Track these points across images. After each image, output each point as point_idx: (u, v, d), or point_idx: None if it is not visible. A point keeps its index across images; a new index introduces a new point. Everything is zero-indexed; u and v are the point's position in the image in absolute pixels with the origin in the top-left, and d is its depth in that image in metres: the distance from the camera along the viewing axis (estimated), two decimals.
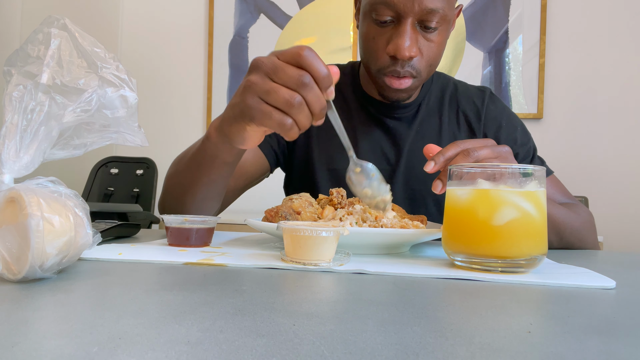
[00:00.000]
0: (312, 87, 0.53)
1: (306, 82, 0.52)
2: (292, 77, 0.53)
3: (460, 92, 0.99)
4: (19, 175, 0.42)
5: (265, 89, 0.53)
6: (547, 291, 0.42)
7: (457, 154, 0.62)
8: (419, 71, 0.83)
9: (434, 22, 0.79)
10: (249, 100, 0.55)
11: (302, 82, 0.52)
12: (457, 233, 0.52)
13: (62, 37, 0.45)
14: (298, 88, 0.53)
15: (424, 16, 0.78)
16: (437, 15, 0.78)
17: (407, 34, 0.78)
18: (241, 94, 0.56)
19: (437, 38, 0.82)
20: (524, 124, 0.99)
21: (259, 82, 0.54)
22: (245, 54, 2.51)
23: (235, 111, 0.58)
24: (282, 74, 0.53)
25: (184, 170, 0.76)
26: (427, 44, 0.82)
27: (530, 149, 0.96)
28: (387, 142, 0.95)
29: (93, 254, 0.53)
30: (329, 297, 0.37)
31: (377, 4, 0.79)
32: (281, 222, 0.54)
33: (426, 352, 0.24)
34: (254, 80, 0.54)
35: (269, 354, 0.23)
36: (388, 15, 0.79)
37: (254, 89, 0.54)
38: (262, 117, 0.54)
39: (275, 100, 0.53)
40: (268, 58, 0.55)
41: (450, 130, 0.96)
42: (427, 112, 0.97)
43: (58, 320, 0.29)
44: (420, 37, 0.81)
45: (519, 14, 2.25)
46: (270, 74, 0.54)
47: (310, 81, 0.53)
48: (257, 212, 0.92)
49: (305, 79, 0.52)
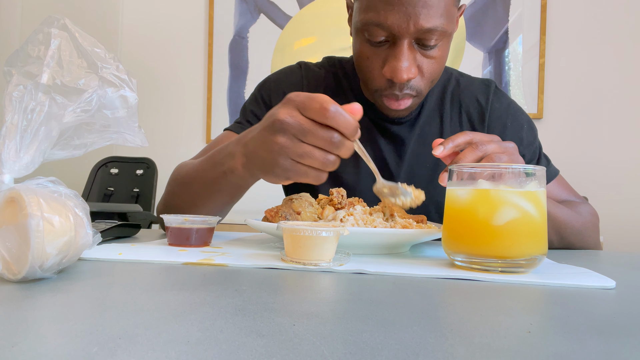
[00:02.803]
0: (343, 143, 0.55)
1: (337, 142, 0.55)
2: (323, 139, 0.54)
3: (462, 88, 0.94)
4: (19, 175, 0.42)
5: (299, 153, 0.55)
6: (547, 291, 0.42)
7: (466, 143, 0.62)
8: (419, 90, 0.79)
9: (433, 39, 0.73)
10: (283, 163, 0.56)
11: (333, 142, 0.54)
12: (457, 233, 0.52)
13: (62, 37, 0.45)
14: (330, 148, 0.55)
15: (421, 35, 0.72)
16: (435, 33, 0.72)
17: (403, 55, 0.73)
18: (272, 153, 0.57)
19: (438, 53, 0.76)
20: (530, 119, 0.94)
21: (290, 146, 0.55)
22: (245, 54, 2.51)
23: (266, 167, 0.59)
24: (313, 137, 0.54)
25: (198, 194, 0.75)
26: (427, 61, 0.76)
27: (537, 149, 0.92)
28: (388, 147, 0.91)
29: (93, 254, 0.53)
30: (329, 297, 0.37)
31: (370, 25, 0.73)
32: (281, 222, 0.54)
33: (426, 352, 0.24)
34: (285, 144, 0.55)
35: (269, 354, 0.23)
36: (382, 35, 0.73)
37: (286, 152, 0.56)
38: (298, 177, 0.57)
39: (310, 163, 0.56)
40: (294, 117, 0.55)
41: (452, 131, 0.92)
42: (428, 113, 0.92)
43: (58, 320, 0.29)
44: (418, 55, 0.75)
45: (519, 14, 2.25)
46: (299, 136, 0.55)
47: (341, 139, 0.55)
48: (257, 212, 0.92)
49: (335, 139, 0.54)
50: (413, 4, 0.70)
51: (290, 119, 0.55)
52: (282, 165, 0.56)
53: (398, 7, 0.70)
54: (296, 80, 0.96)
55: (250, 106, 0.96)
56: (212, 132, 2.52)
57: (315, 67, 0.98)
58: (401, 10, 0.70)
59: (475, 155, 0.60)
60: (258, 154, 0.60)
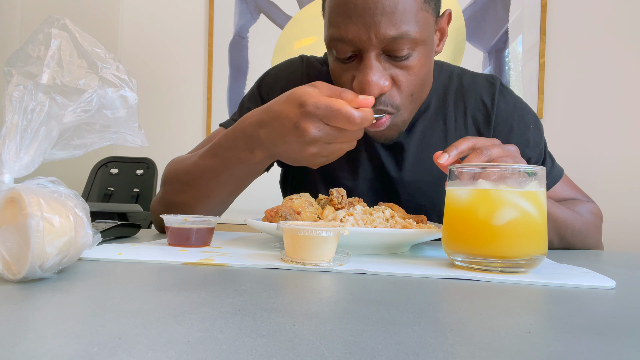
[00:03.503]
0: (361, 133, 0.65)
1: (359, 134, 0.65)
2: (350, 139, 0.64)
3: (466, 87, 0.88)
4: (19, 175, 0.42)
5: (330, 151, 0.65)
6: (547, 291, 0.42)
7: (469, 148, 0.62)
8: (396, 106, 0.73)
9: (404, 49, 0.68)
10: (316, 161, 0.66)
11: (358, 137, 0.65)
12: (457, 233, 0.52)
13: (62, 38, 0.45)
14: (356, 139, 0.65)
15: (388, 46, 0.67)
16: (403, 42, 0.67)
17: (370, 68, 0.68)
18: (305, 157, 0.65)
19: (413, 63, 0.70)
20: (536, 118, 0.89)
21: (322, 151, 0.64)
22: (245, 54, 2.51)
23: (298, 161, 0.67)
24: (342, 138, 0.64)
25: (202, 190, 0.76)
26: (402, 72, 0.70)
27: (542, 150, 0.88)
28: (386, 154, 0.87)
29: (93, 254, 0.53)
30: (329, 297, 0.37)
31: (333, 41, 0.70)
32: (281, 222, 0.54)
33: (426, 352, 0.24)
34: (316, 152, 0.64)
35: (269, 354, 0.23)
36: (348, 51, 0.70)
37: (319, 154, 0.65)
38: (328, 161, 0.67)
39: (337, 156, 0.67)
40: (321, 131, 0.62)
41: (457, 136, 0.86)
42: (429, 117, 0.87)
43: (58, 320, 0.29)
44: (390, 65, 0.70)
45: (519, 14, 2.25)
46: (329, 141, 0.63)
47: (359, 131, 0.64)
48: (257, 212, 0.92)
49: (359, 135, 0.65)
50: (371, 14, 0.66)
51: (318, 133, 0.62)
52: (316, 162, 0.66)
53: (356, 19, 0.67)
54: (296, 77, 0.92)
55: (249, 103, 0.94)
56: (212, 132, 2.52)
57: (317, 63, 0.95)
58: (359, 21, 0.66)
59: (481, 160, 0.60)
60: (287, 155, 0.66)
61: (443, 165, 0.61)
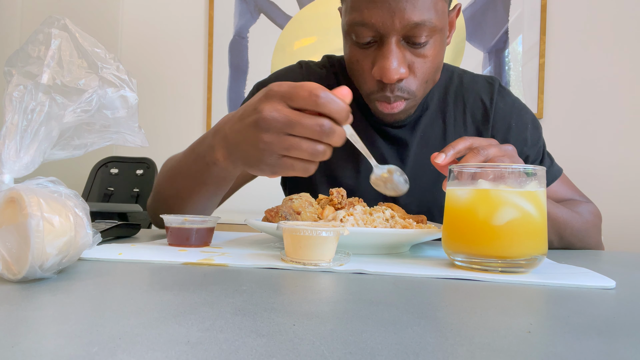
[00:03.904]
0: (334, 130, 0.51)
1: (327, 130, 0.51)
2: (312, 129, 0.51)
3: (466, 87, 0.91)
4: (19, 175, 0.42)
5: (285, 147, 0.52)
6: (547, 291, 0.42)
7: (466, 148, 0.62)
8: (412, 92, 0.75)
9: (423, 36, 0.70)
10: (269, 159, 0.54)
11: (323, 131, 0.51)
12: (457, 233, 0.52)
13: (62, 38, 0.45)
14: (321, 137, 0.51)
15: (409, 32, 0.69)
16: (424, 29, 0.69)
17: (392, 54, 0.70)
18: (257, 150, 0.54)
19: (430, 51, 0.73)
20: (534, 118, 0.91)
21: (276, 142, 0.52)
22: (245, 54, 2.51)
23: (251, 162, 0.56)
24: (301, 128, 0.51)
25: (183, 186, 0.73)
26: (419, 60, 0.73)
27: (541, 148, 0.90)
28: (389, 151, 0.88)
29: (93, 254, 0.53)
30: (329, 297, 0.37)
31: (355, 25, 0.71)
32: (281, 222, 0.54)
33: (426, 352, 0.24)
34: (271, 140, 0.52)
35: (269, 354, 0.23)
36: (368, 36, 0.71)
37: (271, 149, 0.52)
38: (285, 170, 0.54)
39: (298, 155, 0.52)
40: (279, 112, 0.51)
41: (456, 134, 0.89)
42: (430, 114, 0.89)
43: (58, 320, 0.29)
44: (408, 53, 0.72)
45: (519, 14, 2.25)
46: (286, 130, 0.51)
47: (331, 126, 0.51)
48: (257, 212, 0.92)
49: (325, 128, 0.51)
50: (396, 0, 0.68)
51: (275, 113, 0.52)
52: (268, 161, 0.54)
53: (381, 4, 0.68)
54: (296, 77, 0.93)
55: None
56: None
57: (316, 67, 0.96)
58: (384, 6, 0.68)
59: (478, 160, 0.60)
60: (241, 148, 0.56)
61: (440, 166, 0.61)
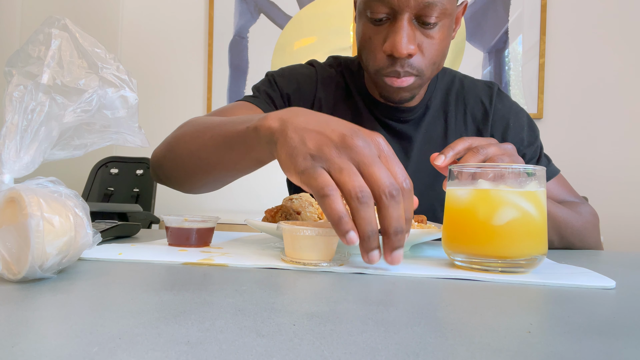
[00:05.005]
0: (397, 202, 0.44)
1: (394, 193, 0.44)
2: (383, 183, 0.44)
3: (466, 89, 0.95)
4: (19, 175, 0.42)
5: (339, 167, 0.45)
6: (547, 291, 0.42)
7: (465, 149, 0.62)
8: (420, 70, 0.79)
9: (433, 16, 0.74)
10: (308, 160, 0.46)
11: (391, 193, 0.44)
12: (457, 233, 0.52)
13: (62, 38, 0.45)
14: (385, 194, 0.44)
15: (421, 10, 0.74)
16: (435, 9, 0.74)
17: (403, 30, 0.74)
18: (313, 141, 0.47)
19: (438, 34, 0.77)
20: (531, 120, 0.95)
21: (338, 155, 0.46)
22: (245, 54, 2.51)
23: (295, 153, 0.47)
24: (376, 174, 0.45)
25: (210, 147, 0.64)
26: (428, 41, 0.77)
27: (537, 149, 0.94)
28: (394, 146, 0.90)
29: (93, 254, 0.53)
30: (329, 297, 0.37)
31: (371, 1, 0.75)
32: (281, 222, 0.54)
33: (426, 352, 0.24)
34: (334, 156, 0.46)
35: (269, 354, 0.23)
36: (383, 12, 0.75)
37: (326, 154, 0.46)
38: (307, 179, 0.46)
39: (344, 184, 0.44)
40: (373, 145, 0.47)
41: (457, 133, 0.93)
42: (433, 113, 0.93)
43: (58, 320, 0.29)
44: (419, 33, 0.76)
45: (519, 14, 2.25)
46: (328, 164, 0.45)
47: (399, 197, 0.44)
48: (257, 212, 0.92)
49: (394, 190, 0.44)
50: None
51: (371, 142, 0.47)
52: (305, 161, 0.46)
53: None
54: (311, 74, 0.96)
55: (264, 86, 0.93)
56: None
57: (326, 66, 0.99)
58: None
59: (477, 158, 0.60)
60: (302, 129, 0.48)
61: (440, 167, 0.61)
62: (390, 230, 0.45)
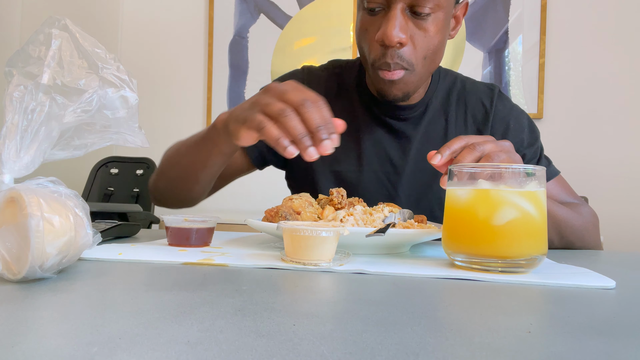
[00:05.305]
0: (311, 107, 0.57)
1: (306, 104, 0.57)
2: (294, 99, 0.58)
3: (468, 90, 0.96)
4: (19, 176, 0.42)
5: (266, 102, 0.60)
6: (547, 291, 0.42)
7: (462, 148, 0.62)
8: (411, 63, 0.79)
9: (427, 7, 0.76)
10: (251, 113, 0.61)
11: (302, 103, 0.58)
12: (457, 233, 0.52)
13: (62, 38, 0.45)
14: (298, 106, 0.58)
15: (414, 0, 0.75)
16: (429, 0, 0.75)
17: (395, 18, 0.76)
18: (249, 104, 0.62)
19: (431, 27, 0.78)
20: (532, 122, 0.96)
21: (263, 99, 0.61)
22: (245, 54, 2.51)
23: (237, 116, 0.64)
24: (291, 95, 0.59)
25: (184, 153, 0.83)
26: (420, 32, 0.78)
27: (538, 150, 0.94)
28: (392, 144, 0.92)
29: (93, 254, 0.53)
30: (329, 297, 0.37)
31: None
32: (281, 222, 0.54)
33: (426, 352, 0.24)
34: (262, 100, 0.61)
35: (269, 354, 0.23)
36: (377, 1, 0.77)
37: (259, 103, 0.61)
38: (254, 124, 0.60)
39: (270, 111, 0.59)
40: (279, 85, 0.61)
41: (457, 133, 0.92)
42: (433, 112, 0.94)
43: (58, 320, 0.29)
44: (411, 24, 0.77)
45: (519, 14, 2.25)
46: (277, 96, 0.60)
47: (311, 104, 0.58)
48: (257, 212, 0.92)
49: (306, 102, 0.58)
50: None
51: (276, 88, 0.61)
52: (249, 114, 0.60)
53: None
54: (296, 78, 0.97)
55: None
56: None
57: (318, 70, 1.00)
58: None
59: (474, 155, 0.59)
60: (239, 108, 0.65)
61: (437, 166, 0.61)
62: (313, 126, 0.57)
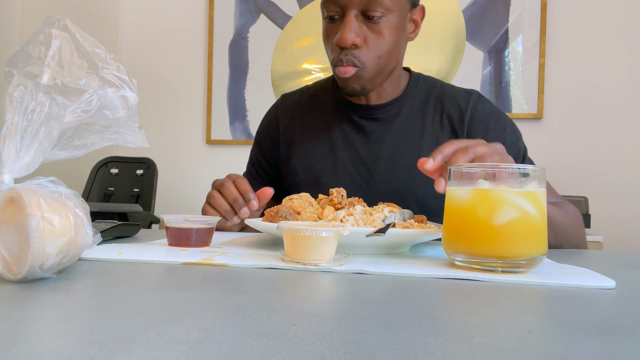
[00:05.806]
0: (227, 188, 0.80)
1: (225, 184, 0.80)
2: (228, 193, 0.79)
3: (446, 93, 1.00)
4: (19, 176, 0.42)
5: (210, 196, 0.81)
6: (547, 291, 0.42)
7: (454, 152, 0.62)
8: (362, 62, 0.87)
9: (378, 11, 0.84)
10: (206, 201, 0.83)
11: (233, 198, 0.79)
12: (457, 233, 0.52)
13: (62, 38, 0.45)
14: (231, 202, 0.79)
15: (365, 6, 0.84)
16: (378, 4, 0.83)
17: (349, 23, 0.84)
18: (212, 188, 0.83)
19: (384, 29, 0.86)
20: (514, 124, 0.98)
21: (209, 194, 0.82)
22: (245, 54, 2.51)
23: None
24: (223, 189, 0.80)
25: None
26: (372, 35, 0.86)
27: (521, 150, 0.95)
28: (363, 145, 0.98)
29: (93, 254, 0.53)
30: (329, 297, 0.37)
31: (325, 2, 0.87)
32: (281, 222, 0.54)
33: (426, 352, 0.24)
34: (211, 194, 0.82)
35: (269, 354, 0.23)
36: (334, 10, 0.86)
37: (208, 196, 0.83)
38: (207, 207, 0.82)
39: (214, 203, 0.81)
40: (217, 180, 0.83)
41: (433, 132, 0.96)
42: (410, 113, 0.98)
43: (58, 320, 0.29)
44: (365, 28, 0.85)
45: (519, 14, 2.25)
46: (218, 188, 0.81)
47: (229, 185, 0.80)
48: None
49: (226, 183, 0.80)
50: None
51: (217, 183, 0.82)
52: (206, 204, 0.82)
53: None
54: (272, 117, 1.10)
55: (251, 153, 1.13)
56: (212, 132, 2.52)
57: (294, 94, 1.11)
58: None
59: (467, 157, 0.60)
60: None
61: (429, 171, 0.61)
62: (231, 200, 0.79)
